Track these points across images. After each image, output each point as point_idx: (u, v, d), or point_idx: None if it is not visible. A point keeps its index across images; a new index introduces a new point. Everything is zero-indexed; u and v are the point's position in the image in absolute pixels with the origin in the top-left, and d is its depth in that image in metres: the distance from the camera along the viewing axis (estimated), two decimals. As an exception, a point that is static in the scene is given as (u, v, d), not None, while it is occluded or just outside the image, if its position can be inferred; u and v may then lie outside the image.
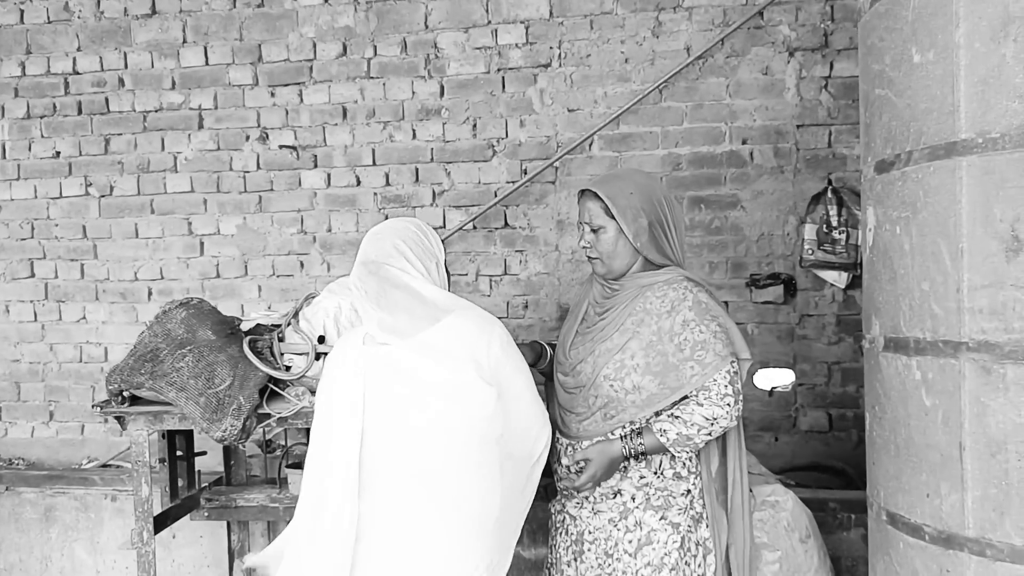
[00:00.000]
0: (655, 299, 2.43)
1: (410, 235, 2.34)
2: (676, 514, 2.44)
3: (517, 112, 4.46)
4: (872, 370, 2.59)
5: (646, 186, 2.51)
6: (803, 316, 4.25)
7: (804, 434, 4.24)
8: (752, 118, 4.25)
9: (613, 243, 2.49)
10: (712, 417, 2.33)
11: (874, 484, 2.60)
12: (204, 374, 2.69)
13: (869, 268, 2.60)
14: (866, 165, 2.61)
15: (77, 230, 4.92)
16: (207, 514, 3.38)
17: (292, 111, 4.67)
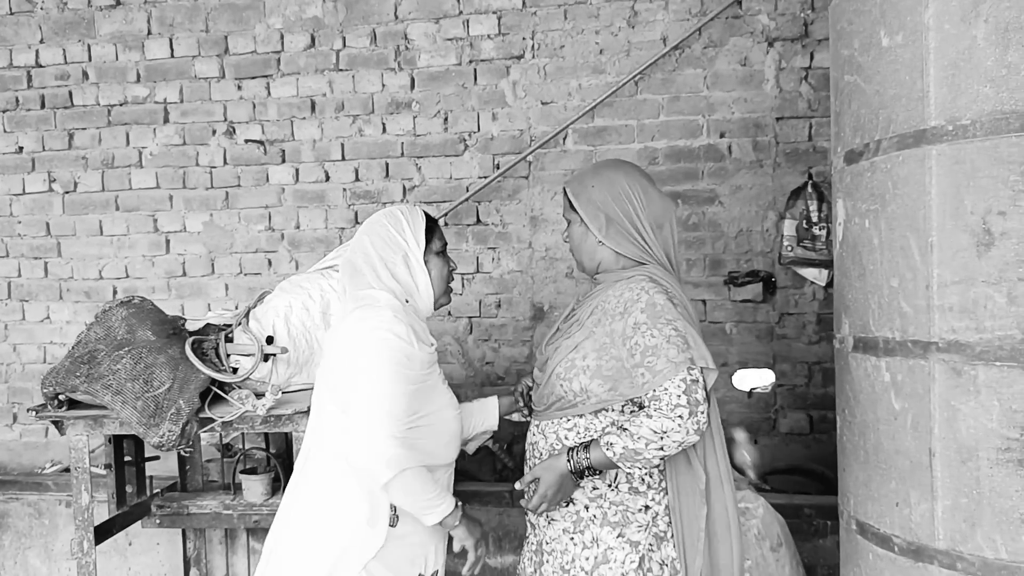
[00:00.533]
0: (612, 298, 2.29)
1: (376, 230, 2.24)
2: (635, 531, 2.27)
3: (489, 105, 4.35)
4: (842, 371, 2.47)
5: (612, 180, 2.36)
6: (783, 315, 4.15)
7: (784, 436, 4.14)
8: (730, 110, 4.14)
9: (579, 238, 2.39)
10: (661, 430, 2.09)
11: (844, 491, 2.48)
12: (142, 376, 2.56)
13: (839, 264, 2.48)
14: (836, 156, 2.49)
15: (40, 227, 4.79)
16: (158, 521, 3.25)
17: (259, 104, 4.55)
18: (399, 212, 2.28)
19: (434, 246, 2.29)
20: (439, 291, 2.31)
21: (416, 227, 2.26)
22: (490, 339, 4.39)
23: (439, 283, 2.30)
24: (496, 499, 3.46)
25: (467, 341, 4.42)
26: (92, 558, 2.80)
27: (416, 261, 2.22)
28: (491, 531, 3.43)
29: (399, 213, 2.28)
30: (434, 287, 2.28)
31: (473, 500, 3.44)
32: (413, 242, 2.23)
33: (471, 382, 4.41)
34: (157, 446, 2.54)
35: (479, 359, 4.41)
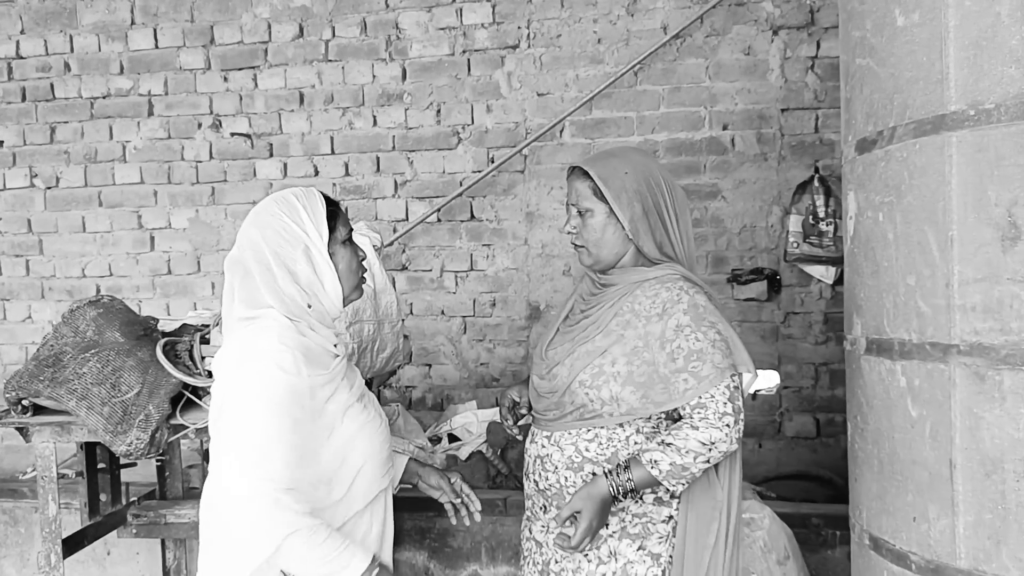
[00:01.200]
0: (645, 299, 2.10)
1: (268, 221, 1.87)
2: (656, 543, 2.11)
3: (484, 97, 4.21)
4: (854, 375, 2.31)
5: (644, 166, 2.16)
6: (788, 314, 4.01)
7: (789, 440, 4.00)
8: (733, 102, 3.99)
9: (601, 229, 2.14)
10: (710, 441, 1.95)
11: (856, 503, 2.33)
12: (109, 380, 2.42)
13: (850, 261, 2.32)
14: (847, 145, 2.33)
15: (22, 224, 4.66)
16: (135, 531, 3.09)
17: (246, 97, 4.42)
18: (293, 197, 1.89)
19: (339, 234, 1.93)
20: (349, 286, 1.96)
21: (316, 214, 1.88)
22: (484, 339, 4.24)
23: (348, 277, 1.94)
24: (488, 507, 3.27)
25: (461, 341, 4.28)
26: (60, 572, 2.65)
27: (320, 254, 1.87)
28: (484, 541, 3.27)
29: (293, 198, 1.89)
30: (343, 283, 1.92)
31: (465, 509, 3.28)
32: (315, 232, 1.86)
33: (465, 383, 4.26)
34: (124, 455, 2.40)
35: (473, 360, 4.27)
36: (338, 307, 1.96)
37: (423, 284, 4.32)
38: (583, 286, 2.33)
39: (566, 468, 2.11)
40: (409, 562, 3.31)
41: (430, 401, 4.31)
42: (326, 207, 1.91)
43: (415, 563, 3.32)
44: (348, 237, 1.97)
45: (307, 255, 1.85)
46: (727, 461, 2.12)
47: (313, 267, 1.87)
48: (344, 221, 1.97)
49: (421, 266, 4.28)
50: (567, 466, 2.11)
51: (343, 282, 1.93)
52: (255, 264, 1.82)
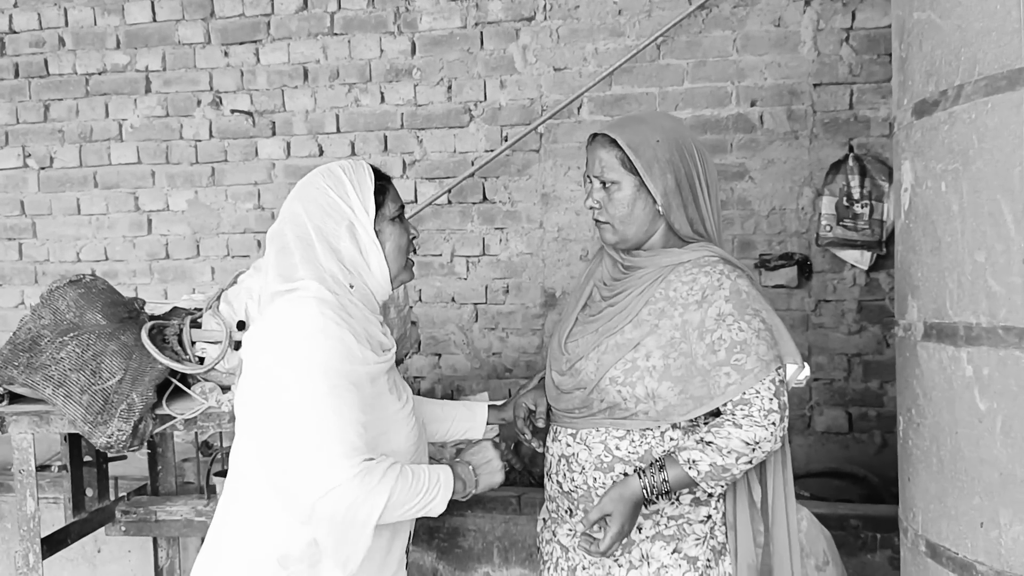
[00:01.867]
0: (681, 284, 1.89)
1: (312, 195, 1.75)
2: (693, 545, 1.92)
3: (497, 72, 4.02)
4: (908, 364, 2.09)
5: (677, 133, 1.94)
6: (820, 302, 3.81)
7: (820, 436, 3.81)
8: (762, 76, 3.79)
9: (629, 204, 1.92)
10: (754, 441, 1.77)
11: (909, 505, 2.11)
12: (89, 366, 2.23)
13: (904, 238, 2.10)
14: (900, 109, 2.11)
15: (15, 206, 4.49)
16: (124, 529, 2.90)
17: (248, 72, 4.23)
18: (340, 170, 1.78)
19: (387, 211, 1.80)
20: (397, 267, 1.82)
21: (363, 188, 1.76)
22: (497, 328, 4.05)
23: (396, 257, 1.81)
24: (502, 505, 3.11)
25: (472, 330, 4.10)
26: (39, 573, 2.46)
27: (365, 232, 1.74)
28: (496, 541, 3.08)
29: (340, 172, 1.77)
30: (389, 263, 1.78)
31: (476, 506, 3.11)
32: (360, 208, 1.73)
33: (476, 374, 4.07)
34: (104, 447, 2.21)
35: (485, 349, 4.10)
36: (386, 289, 1.82)
37: (432, 269, 4.13)
38: (602, 269, 2.09)
39: (594, 469, 1.90)
40: (416, 563, 3.12)
41: (439, 392, 4.11)
42: (375, 181, 1.80)
43: (423, 564, 3.13)
44: (398, 214, 1.84)
45: (351, 232, 1.73)
46: (774, 459, 1.92)
47: (358, 245, 1.74)
48: (394, 197, 1.85)
49: (431, 250, 4.09)
50: (596, 466, 1.90)
51: (390, 262, 1.80)
52: (294, 239, 1.71)
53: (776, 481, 1.93)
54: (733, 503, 1.93)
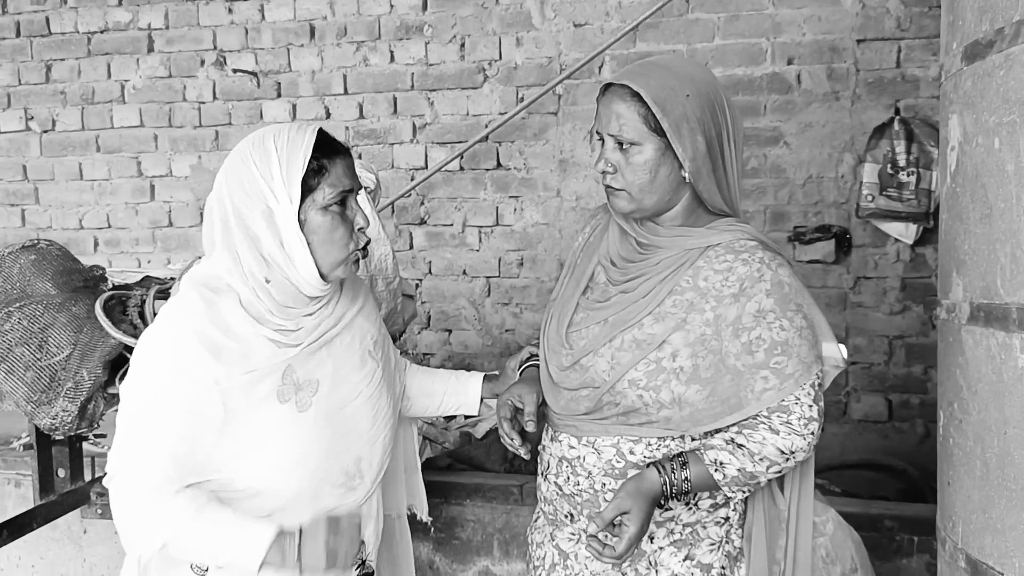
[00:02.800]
0: (714, 273, 1.62)
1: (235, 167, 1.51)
2: (707, 551, 1.68)
3: (513, 28, 3.82)
4: (950, 351, 1.81)
5: (708, 86, 1.65)
6: (859, 279, 3.58)
7: (857, 424, 3.61)
8: (800, 32, 3.54)
9: (652, 170, 1.62)
10: (790, 450, 1.58)
11: (948, 513, 1.84)
12: (35, 340, 2.04)
13: (950, 204, 1.82)
14: (949, 55, 1.81)
15: (17, 171, 4.38)
16: (99, 511, 2.75)
17: (252, 30, 4.06)
18: (272, 141, 1.49)
19: (320, 196, 1.49)
20: (329, 263, 1.52)
21: (291, 168, 1.46)
22: (511, 303, 3.85)
23: (328, 251, 1.52)
24: (503, 495, 2.89)
25: (484, 305, 3.93)
26: (-7, 560, 2.29)
27: (286, 220, 1.46)
28: (496, 533, 2.86)
29: (272, 143, 1.49)
30: (317, 259, 1.50)
31: (476, 495, 2.91)
32: (283, 192, 1.45)
33: (488, 351, 3.87)
34: (49, 429, 2.04)
35: (498, 326, 3.92)
36: (315, 285, 1.52)
37: (443, 240, 3.94)
38: (607, 243, 1.81)
39: (604, 474, 1.64)
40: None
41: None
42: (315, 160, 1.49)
43: (418, 556, 2.91)
44: (338, 200, 1.51)
45: (268, 219, 1.45)
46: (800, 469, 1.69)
47: (278, 234, 1.47)
48: (335, 180, 1.51)
49: (441, 220, 3.90)
50: (605, 472, 1.64)
51: (318, 258, 1.51)
52: (219, 220, 1.50)
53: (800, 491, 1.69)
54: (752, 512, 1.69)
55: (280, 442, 1.51)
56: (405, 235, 3.95)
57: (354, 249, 1.55)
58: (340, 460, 1.59)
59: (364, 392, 1.65)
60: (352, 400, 1.62)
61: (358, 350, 1.66)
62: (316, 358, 1.57)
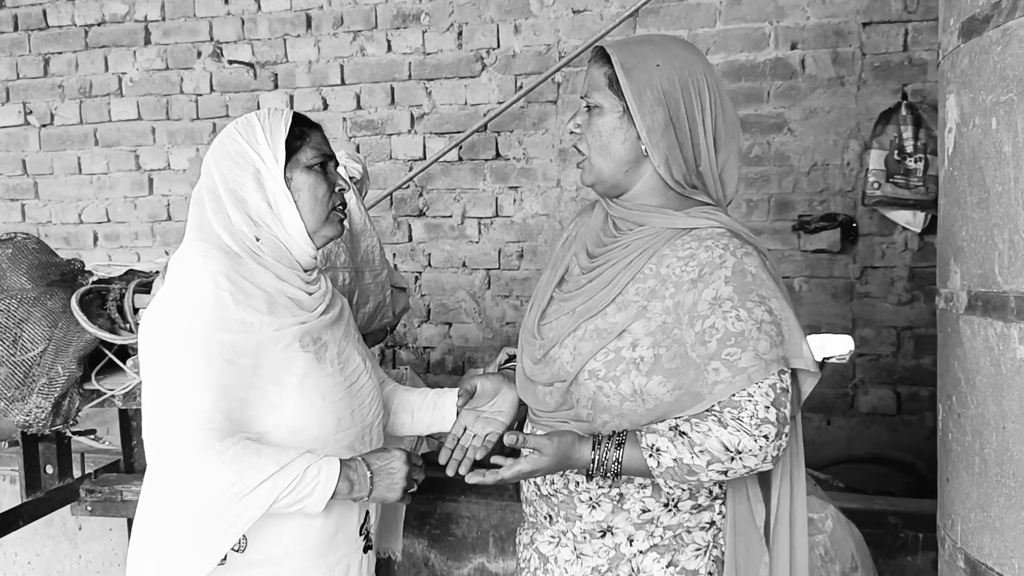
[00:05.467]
0: (675, 260, 1.55)
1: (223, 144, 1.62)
2: (692, 557, 1.59)
3: (511, 15, 3.74)
4: (949, 342, 1.74)
5: (686, 63, 1.59)
6: (865, 268, 3.49)
7: (864, 417, 3.51)
8: (804, 15, 3.45)
9: (608, 134, 1.58)
10: (735, 448, 1.44)
11: (947, 511, 1.77)
12: (10, 335, 1.99)
13: (948, 189, 1.74)
14: (946, 32, 1.74)
15: (16, 165, 4.34)
16: (89, 508, 2.71)
17: (248, 21, 4.00)
18: (255, 117, 1.64)
19: (303, 157, 1.62)
20: (314, 219, 1.63)
21: (275, 134, 1.61)
22: (511, 295, 3.78)
23: (312, 207, 1.62)
24: (498, 491, 2.83)
25: (484, 297, 3.85)
26: (-23, 559, 2.26)
27: (273, 179, 1.58)
28: (492, 529, 2.80)
29: (255, 118, 1.64)
30: (303, 215, 1.61)
31: (471, 492, 2.84)
32: (269, 154, 1.58)
33: (488, 345, 3.80)
34: (23, 426, 2.01)
35: (498, 318, 3.85)
36: (304, 247, 1.64)
37: (442, 232, 3.87)
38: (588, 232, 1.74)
39: (576, 472, 1.58)
40: (406, 551, 2.86)
41: (450, 364, 3.85)
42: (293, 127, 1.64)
43: (412, 552, 2.87)
44: (319, 162, 1.64)
45: (257, 179, 1.59)
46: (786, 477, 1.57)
47: (265, 194, 1.59)
48: (316, 144, 1.66)
49: (440, 211, 3.83)
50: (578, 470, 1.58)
51: (304, 214, 1.62)
52: (206, 191, 1.60)
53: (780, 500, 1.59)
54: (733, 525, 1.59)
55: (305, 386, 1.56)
56: (404, 227, 3.89)
57: (335, 207, 1.66)
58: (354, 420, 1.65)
59: (362, 367, 1.72)
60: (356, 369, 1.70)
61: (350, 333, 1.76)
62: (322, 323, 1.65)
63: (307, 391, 1.56)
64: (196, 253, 1.53)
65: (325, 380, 1.60)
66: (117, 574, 3.33)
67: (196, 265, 1.50)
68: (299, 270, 1.64)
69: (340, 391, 1.63)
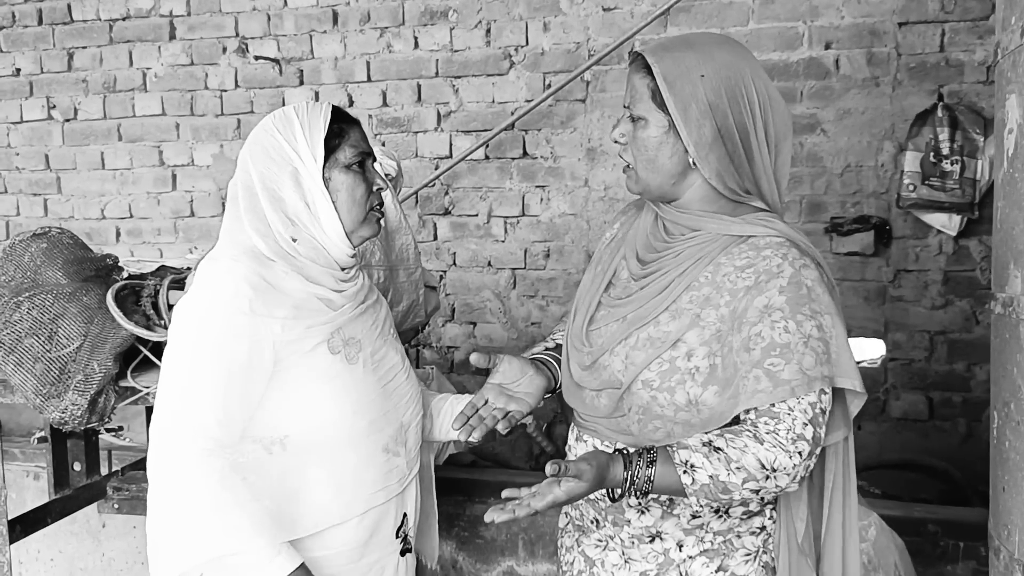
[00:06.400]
0: (732, 269, 1.50)
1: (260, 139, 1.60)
2: (742, 562, 1.56)
3: (540, 13, 3.69)
4: (1007, 348, 1.70)
5: (732, 69, 1.52)
6: (899, 271, 3.42)
7: (896, 423, 3.45)
8: (839, 14, 3.39)
9: (654, 148, 1.53)
10: (771, 466, 1.39)
11: (1003, 520, 1.73)
12: (45, 331, 1.96)
13: (1007, 191, 1.70)
14: (1006, 31, 1.70)
15: (39, 160, 4.33)
16: (116, 506, 2.69)
17: (275, 16, 3.98)
18: (293, 111, 1.61)
19: (342, 156, 1.59)
20: (351, 220, 1.60)
21: (314, 131, 1.57)
22: (536, 295, 3.75)
23: (350, 208, 1.59)
24: (528, 493, 2.80)
25: (510, 297, 3.82)
26: (6, 557, 2.25)
27: (312, 180, 1.56)
28: (521, 532, 2.77)
29: (292, 113, 1.60)
30: (341, 215, 1.58)
31: (499, 494, 2.76)
32: (308, 153, 1.56)
33: (514, 345, 3.76)
34: (58, 423, 1.97)
35: (523, 319, 3.81)
36: (342, 247, 1.61)
37: (468, 231, 3.84)
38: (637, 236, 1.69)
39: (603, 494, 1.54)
40: (433, 553, 2.82)
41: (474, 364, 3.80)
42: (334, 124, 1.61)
43: (441, 554, 2.83)
44: (357, 161, 1.61)
45: (295, 179, 1.56)
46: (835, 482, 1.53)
47: (303, 194, 1.56)
48: (355, 142, 1.63)
49: (466, 210, 3.79)
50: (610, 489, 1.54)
51: (342, 215, 1.59)
52: (242, 188, 1.58)
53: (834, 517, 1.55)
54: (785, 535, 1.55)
55: (333, 388, 1.54)
56: (429, 225, 3.86)
57: (373, 207, 1.64)
58: (388, 420, 1.63)
59: (399, 365, 1.70)
60: (392, 368, 1.67)
61: (385, 330, 1.72)
62: (358, 322, 1.62)
63: (336, 394, 1.54)
64: (224, 257, 1.52)
65: (356, 381, 1.58)
66: (140, 572, 3.30)
67: (221, 270, 1.50)
68: (335, 268, 1.61)
69: (373, 392, 1.60)
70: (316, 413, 1.52)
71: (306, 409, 1.52)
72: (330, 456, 1.55)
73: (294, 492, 1.51)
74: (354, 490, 1.57)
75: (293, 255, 1.55)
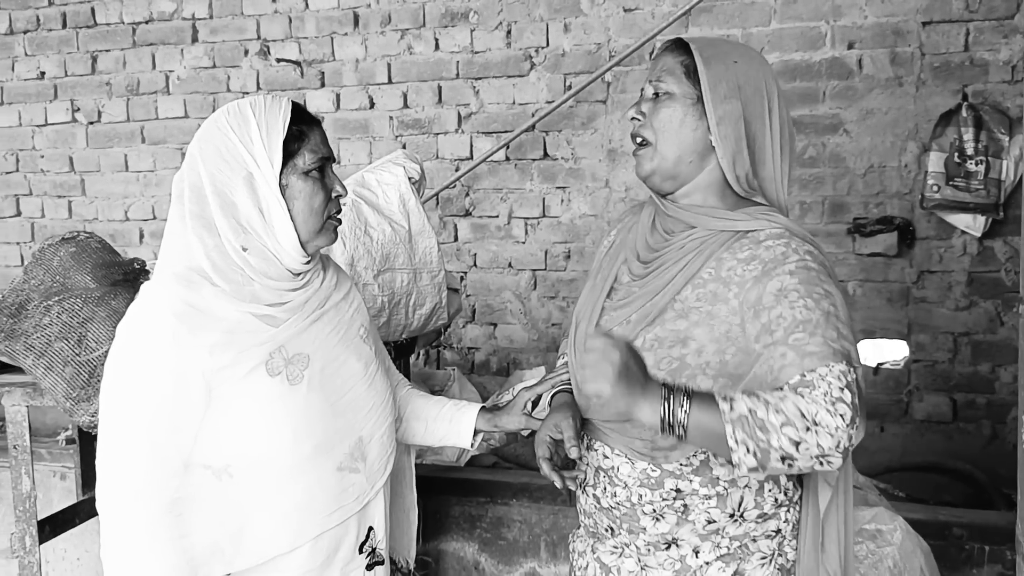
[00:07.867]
0: (736, 263, 1.51)
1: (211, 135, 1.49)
2: (758, 566, 1.56)
3: (561, 14, 3.73)
4: (1035, 353, 1.68)
5: (760, 67, 1.60)
6: (922, 272, 3.43)
7: (919, 424, 3.45)
8: (862, 14, 3.40)
9: (677, 121, 1.54)
10: (813, 418, 1.33)
11: (1031, 527, 1.71)
12: (75, 335, 1.99)
13: (1036, 195, 1.68)
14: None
15: (64, 162, 4.40)
16: (142, 507, 2.70)
17: (296, 19, 4.03)
18: (249, 108, 1.49)
19: (301, 162, 1.48)
20: (308, 230, 1.50)
21: (272, 133, 1.46)
22: (557, 296, 3.78)
23: (307, 218, 1.50)
24: (551, 494, 2.80)
25: (530, 298, 3.85)
26: (36, 557, 2.27)
27: (267, 186, 1.45)
28: (544, 534, 2.78)
29: (249, 109, 1.48)
30: (297, 225, 1.48)
31: (522, 495, 2.83)
32: (264, 157, 1.44)
33: (534, 346, 3.79)
34: (87, 427, 1.98)
35: (544, 320, 3.85)
36: (295, 255, 1.50)
37: (488, 232, 3.87)
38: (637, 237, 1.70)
39: (639, 485, 1.54)
40: (456, 554, 2.85)
41: (495, 365, 3.84)
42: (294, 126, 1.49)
43: (463, 556, 2.85)
44: (317, 167, 1.51)
45: (250, 184, 1.44)
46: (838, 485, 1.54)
47: (257, 200, 1.45)
48: (315, 146, 1.51)
49: (486, 211, 3.83)
50: (640, 482, 1.53)
51: (298, 224, 1.49)
52: (189, 189, 1.47)
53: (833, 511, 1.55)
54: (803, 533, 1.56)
55: (271, 415, 1.45)
56: (450, 227, 3.88)
57: (329, 216, 1.54)
58: (341, 438, 1.54)
59: (360, 373, 1.60)
60: (350, 379, 1.58)
61: (348, 333, 1.62)
62: (306, 334, 1.53)
63: (275, 420, 1.46)
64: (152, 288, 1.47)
65: (298, 404, 1.49)
66: (165, 572, 3.34)
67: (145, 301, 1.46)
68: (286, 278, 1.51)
69: (320, 413, 1.52)
70: (254, 442, 1.45)
71: (243, 437, 1.44)
72: (275, 484, 1.47)
73: (244, 520, 1.46)
74: (304, 516, 1.49)
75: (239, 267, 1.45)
